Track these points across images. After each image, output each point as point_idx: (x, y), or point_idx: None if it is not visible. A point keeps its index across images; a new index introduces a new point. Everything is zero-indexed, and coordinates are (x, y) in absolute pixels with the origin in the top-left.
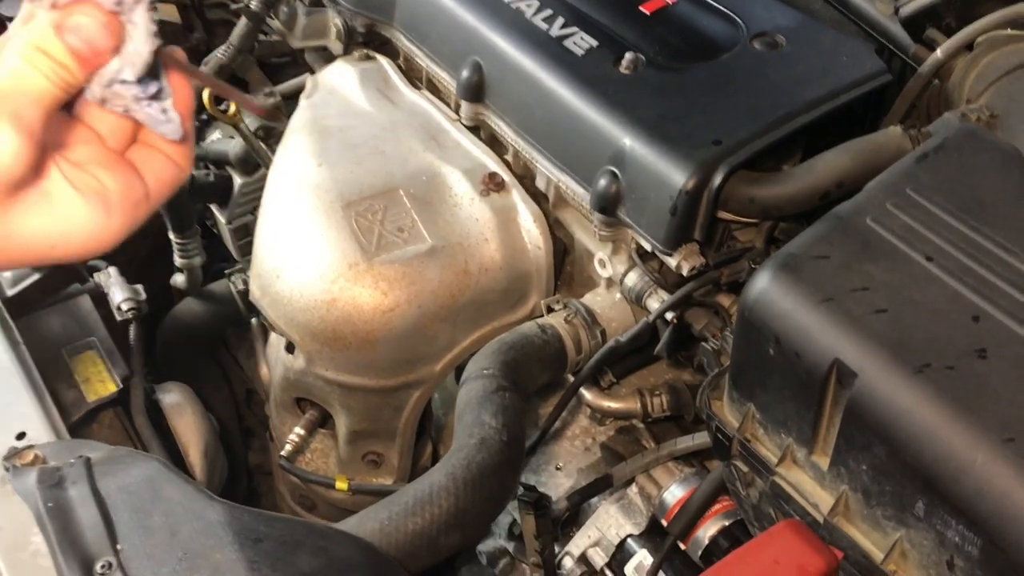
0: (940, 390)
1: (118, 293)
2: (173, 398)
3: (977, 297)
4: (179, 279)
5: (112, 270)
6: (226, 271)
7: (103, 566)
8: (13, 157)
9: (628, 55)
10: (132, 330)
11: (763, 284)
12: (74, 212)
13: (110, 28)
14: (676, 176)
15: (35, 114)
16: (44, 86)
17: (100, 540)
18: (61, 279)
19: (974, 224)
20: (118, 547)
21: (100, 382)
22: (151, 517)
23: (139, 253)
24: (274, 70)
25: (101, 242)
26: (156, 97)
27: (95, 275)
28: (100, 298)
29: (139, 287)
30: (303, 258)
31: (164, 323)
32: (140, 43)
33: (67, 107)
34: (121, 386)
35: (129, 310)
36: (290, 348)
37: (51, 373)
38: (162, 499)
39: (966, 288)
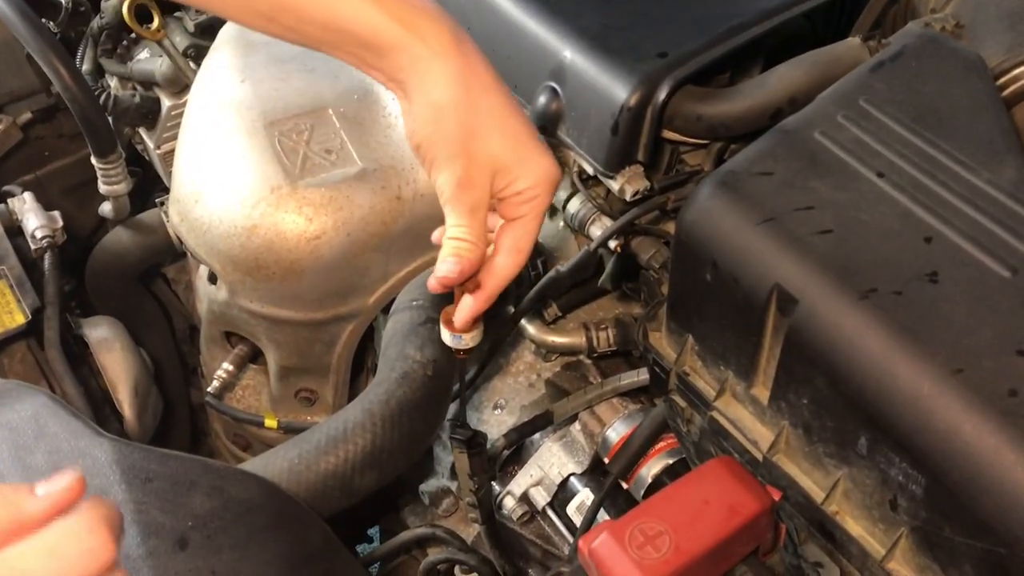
0: (886, 317)
1: (32, 220)
2: (100, 332)
3: (930, 216)
4: (107, 208)
5: (27, 195)
6: (157, 199)
7: None
8: None
9: None
10: (47, 259)
11: (700, 204)
12: None
13: None
14: (618, 91)
15: None
16: None
17: None
18: None
19: (930, 137)
20: None
21: (8, 313)
22: (33, 455)
23: (72, 181)
24: None
25: None
26: None
27: (8, 200)
28: (16, 228)
29: (56, 214)
30: (222, 181)
31: (92, 255)
32: None
33: None
34: (30, 317)
35: (44, 238)
36: (212, 278)
37: None
38: (46, 436)
39: (919, 206)
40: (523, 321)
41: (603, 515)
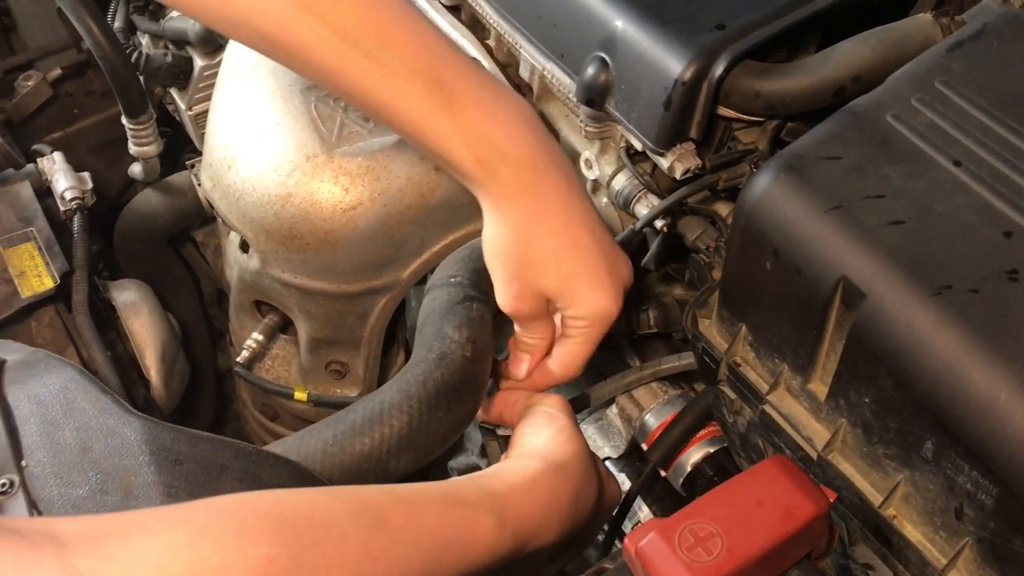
0: (961, 316)
1: (62, 181)
2: (128, 296)
3: (1010, 209)
4: (136, 169)
5: (57, 155)
6: (188, 161)
7: (4, 484)
8: None
9: None
10: (76, 221)
11: (763, 188)
12: None
13: None
14: (672, 64)
15: None
16: None
17: (3, 455)
18: None
19: (1012, 124)
20: (23, 464)
21: (36, 277)
22: (61, 431)
23: (102, 139)
24: None
25: None
26: None
27: (38, 160)
28: (46, 189)
29: (86, 175)
30: (257, 147)
31: (121, 217)
32: None
33: None
34: (59, 282)
35: (73, 199)
36: (244, 247)
37: None
38: (74, 412)
39: (998, 199)
40: None
41: (639, 502)
